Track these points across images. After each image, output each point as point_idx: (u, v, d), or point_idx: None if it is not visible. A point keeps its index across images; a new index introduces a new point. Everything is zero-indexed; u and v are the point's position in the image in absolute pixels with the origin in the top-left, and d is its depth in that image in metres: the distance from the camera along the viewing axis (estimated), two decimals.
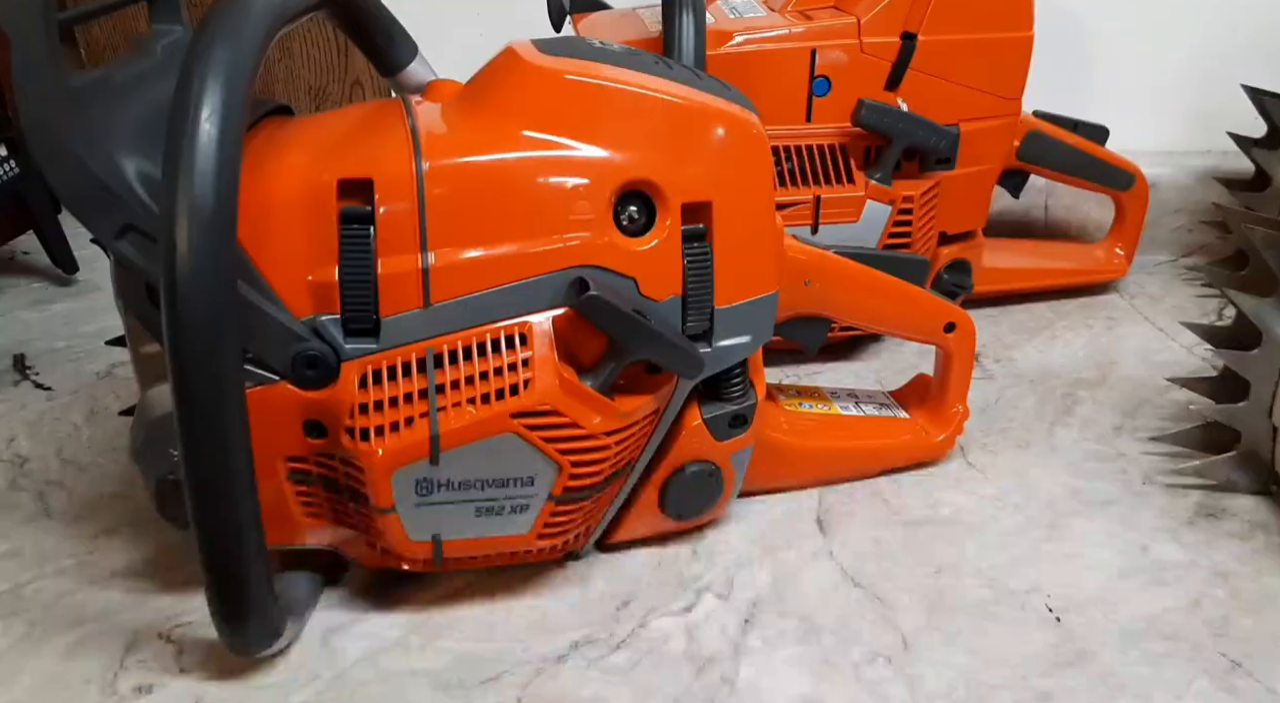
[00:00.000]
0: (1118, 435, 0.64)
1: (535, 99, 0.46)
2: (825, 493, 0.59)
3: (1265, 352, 0.54)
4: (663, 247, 0.47)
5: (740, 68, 0.67)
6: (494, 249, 0.45)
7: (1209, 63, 0.89)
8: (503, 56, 0.48)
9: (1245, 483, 0.58)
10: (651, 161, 0.46)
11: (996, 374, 0.73)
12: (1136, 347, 0.77)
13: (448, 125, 0.47)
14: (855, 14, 0.68)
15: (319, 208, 0.44)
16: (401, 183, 0.44)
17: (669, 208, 0.47)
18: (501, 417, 0.44)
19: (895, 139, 0.67)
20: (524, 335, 0.45)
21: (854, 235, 0.69)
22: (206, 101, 0.37)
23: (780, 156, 0.68)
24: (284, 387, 0.44)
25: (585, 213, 0.45)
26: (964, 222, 0.75)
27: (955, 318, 0.59)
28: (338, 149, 0.45)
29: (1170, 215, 0.90)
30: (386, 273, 0.44)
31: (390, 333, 0.44)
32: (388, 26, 0.55)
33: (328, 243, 0.44)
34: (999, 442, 0.64)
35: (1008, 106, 0.72)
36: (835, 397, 0.64)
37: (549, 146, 0.45)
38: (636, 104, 0.46)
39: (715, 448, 0.52)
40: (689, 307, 0.48)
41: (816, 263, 0.55)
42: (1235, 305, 0.55)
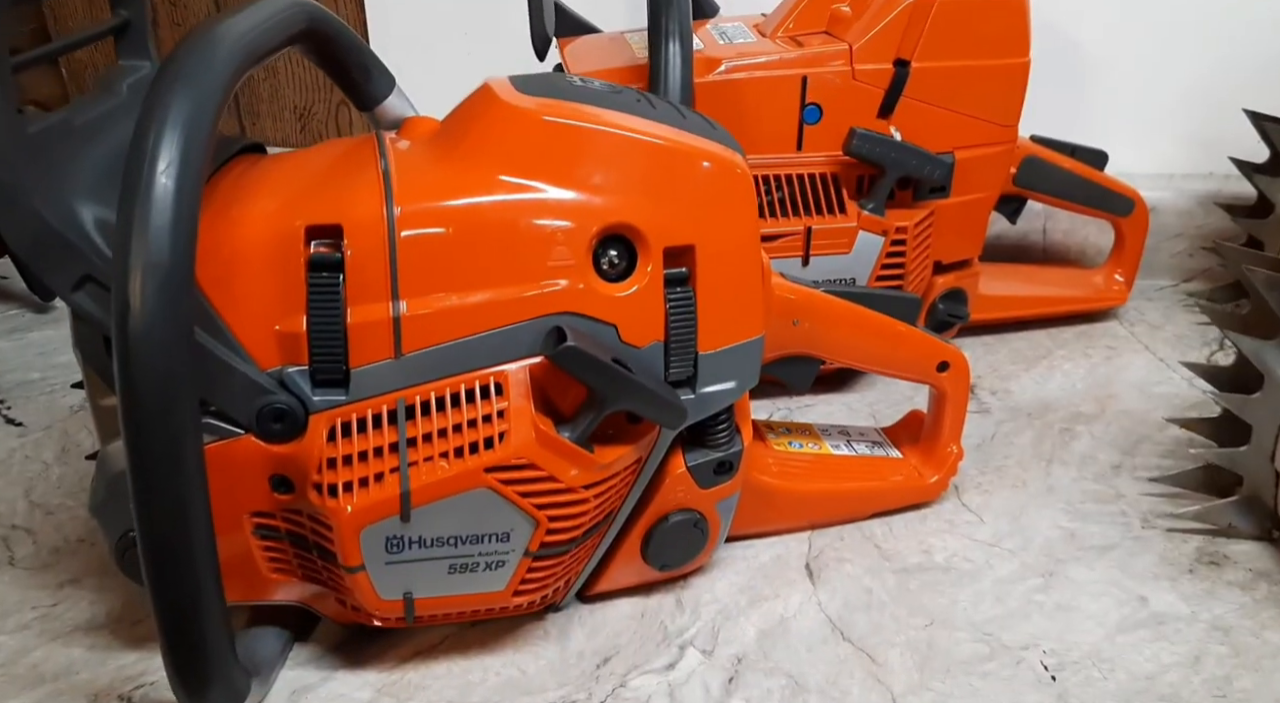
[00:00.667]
0: (1116, 474, 0.63)
1: (512, 141, 0.44)
2: (815, 537, 0.58)
3: (1267, 395, 0.53)
4: (644, 292, 0.45)
5: (729, 95, 0.65)
6: (468, 296, 0.43)
7: (1211, 85, 0.87)
8: (479, 95, 0.47)
9: (1247, 528, 0.56)
10: (632, 205, 0.45)
11: (993, 407, 0.71)
12: (1136, 378, 0.75)
13: (421, 167, 0.45)
14: (847, 40, 0.66)
15: (286, 255, 0.42)
16: (372, 229, 0.42)
17: (650, 253, 0.45)
18: (475, 472, 0.42)
19: (888, 169, 0.66)
20: (499, 385, 0.43)
21: (846, 267, 0.67)
22: (163, 154, 0.35)
23: (771, 186, 0.67)
24: (249, 441, 0.42)
25: (564, 259, 0.44)
26: (959, 250, 0.74)
27: (948, 357, 0.57)
28: (306, 193, 0.44)
29: (1171, 240, 0.88)
30: (356, 322, 0.42)
31: (360, 384, 0.42)
32: (364, 60, 0.53)
33: (295, 292, 0.42)
34: (994, 481, 0.63)
35: (1004, 133, 0.71)
36: (826, 434, 0.62)
37: (526, 190, 0.44)
38: (617, 146, 0.45)
39: (700, 496, 0.51)
40: (672, 353, 0.46)
41: (805, 302, 0.53)
42: (1236, 347, 0.53)
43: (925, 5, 0.65)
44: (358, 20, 0.92)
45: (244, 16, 0.42)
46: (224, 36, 0.40)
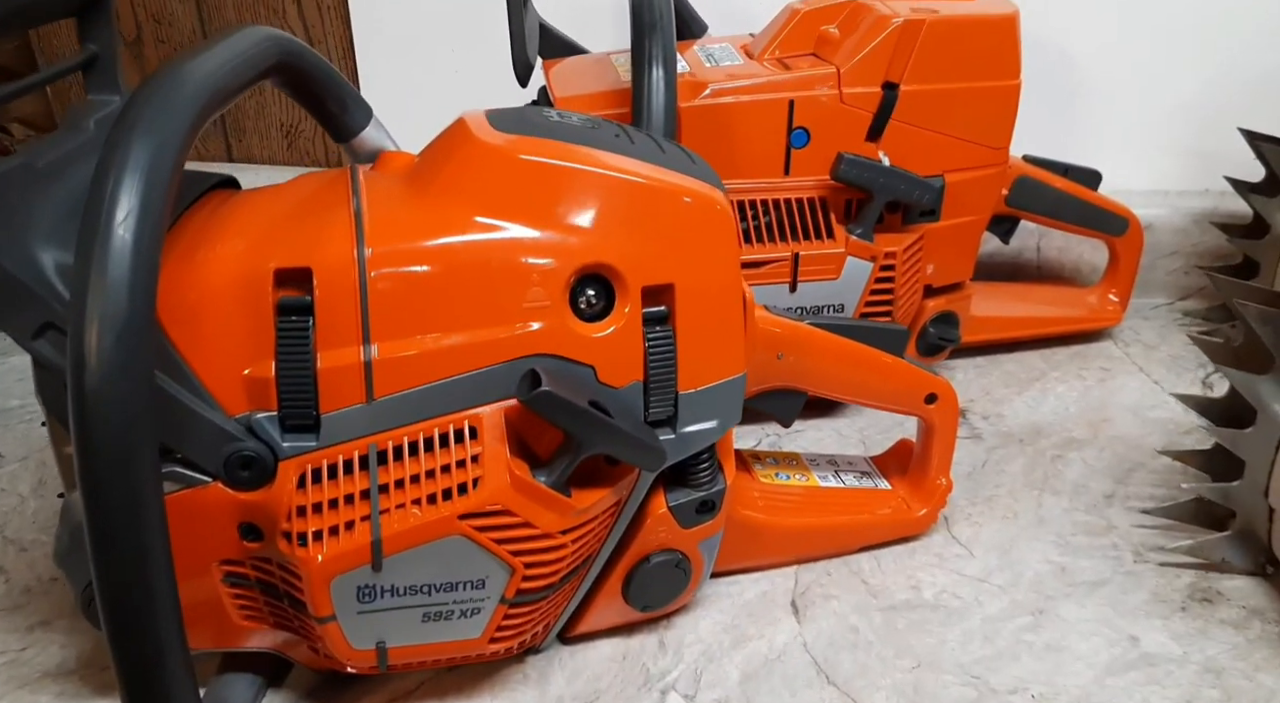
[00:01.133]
0: (1109, 504, 0.62)
1: (487, 180, 0.43)
2: (802, 571, 0.57)
3: (1260, 430, 0.52)
4: (622, 332, 0.44)
5: (715, 119, 0.64)
6: (442, 339, 0.42)
7: (1206, 101, 0.86)
8: (454, 131, 0.46)
9: (1240, 563, 0.55)
10: (610, 245, 0.44)
11: (985, 433, 0.70)
12: (1130, 401, 0.74)
13: (394, 206, 0.44)
14: (835, 63, 0.65)
15: (254, 299, 0.41)
16: (342, 271, 0.41)
17: (629, 292, 0.44)
18: (449, 519, 0.41)
19: (876, 194, 0.65)
20: (474, 428, 0.42)
21: (834, 293, 0.66)
22: (122, 203, 0.34)
23: (758, 210, 0.66)
24: (216, 488, 0.41)
25: (539, 300, 0.43)
26: (950, 274, 0.73)
27: (936, 389, 0.56)
28: (275, 235, 0.43)
29: (1166, 258, 0.87)
30: (327, 367, 0.41)
31: (331, 429, 0.42)
32: (340, 92, 0.52)
33: (264, 336, 0.41)
34: (985, 512, 0.62)
35: (995, 156, 0.70)
36: (814, 465, 0.61)
37: (501, 230, 0.43)
38: (594, 184, 0.44)
39: (682, 536, 0.50)
40: (651, 393, 0.45)
41: (789, 336, 0.52)
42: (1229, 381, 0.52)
43: (914, 27, 0.64)
44: (343, 37, 0.91)
45: (211, 54, 0.41)
46: (188, 78, 0.39)
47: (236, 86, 0.42)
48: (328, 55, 0.91)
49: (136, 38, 0.92)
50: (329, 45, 0.91)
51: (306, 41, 0.90)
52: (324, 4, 0.89)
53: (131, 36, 0.92)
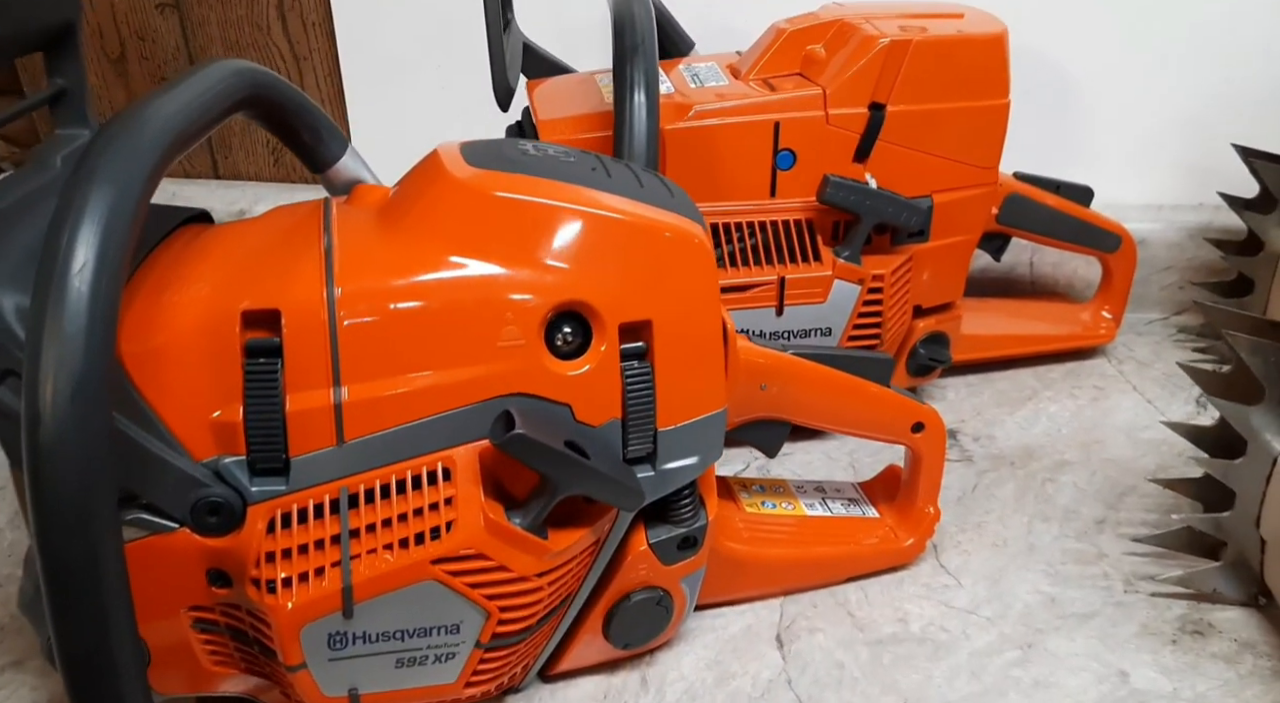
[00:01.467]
0: (1100, 531, 0.61)
1: (460, 217, 0.43)
2: (788, 604, 0.56)
3: (1251, 461, 0.51)
4: (599, 370, 0.43)
5: (700, 142, 0.64)
6: (414, 380, 0.41)
7: (1201, 114, 0.85)
8: (428, 165, 0.45)
9: (1232, 593, 0.54)
10: (586, 282, 0.43)
11: (975, 455, 0.69)
12: (1123, 421, 0.73)
13: (366, 244, 0.43)
14: (821, 84, 0.65)
15: (221, 342, 0.40)
16: (311, 312, 0.40)
17: (605, 330, 0.43)
18: (421, 564, 0.41)
19: (864, 216, 0.64)
20: (447, 470, 0.42)
21: (822, 316, 0.65)
22: (78, 253, 0.34)
23: (744, 233, 0.65)
24: (184, 535, 0.41)
25: (514, 339, 0.42)
26: (940, 294, 0.72)
27: (923, 418, 0.55)
28: (244, 275, 0.42)
29: (1160, 273, 0.87)
30: (296, 410, 0.40)
31: (301, 473, 0.41)
32: (314, 122, 0.51)
33: (231, 379, 0.40)
34: (974, 539, 0.61)
35: (984, 176, 0.69)
36: (801, 492, 0.61)
37: (474, 269, 0.42)
38: (570, 221, 0.43)
39: (663, 573, 0.49)
40: (630, 430, 0.45)
41: (772, 366, 0.52)
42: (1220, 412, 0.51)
43: (901, 48, 0.63)
44: (329, 53, 0.90)
45: (176, 94, 0.40)
46: (150, 121, 0.38)
47: (202, 125, 0.42)
48: (313, 72, 0.91)
49: (120, 55, 0.92)
50: (314, 62, 0.90)
51: (291, 58, 0.90)
52: (309, 20, 0.89)
53: (115, 54, 0.92)
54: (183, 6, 0.89)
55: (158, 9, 0.89)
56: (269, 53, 0.90)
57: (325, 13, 0.88)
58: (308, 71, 0.91)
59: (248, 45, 0.90)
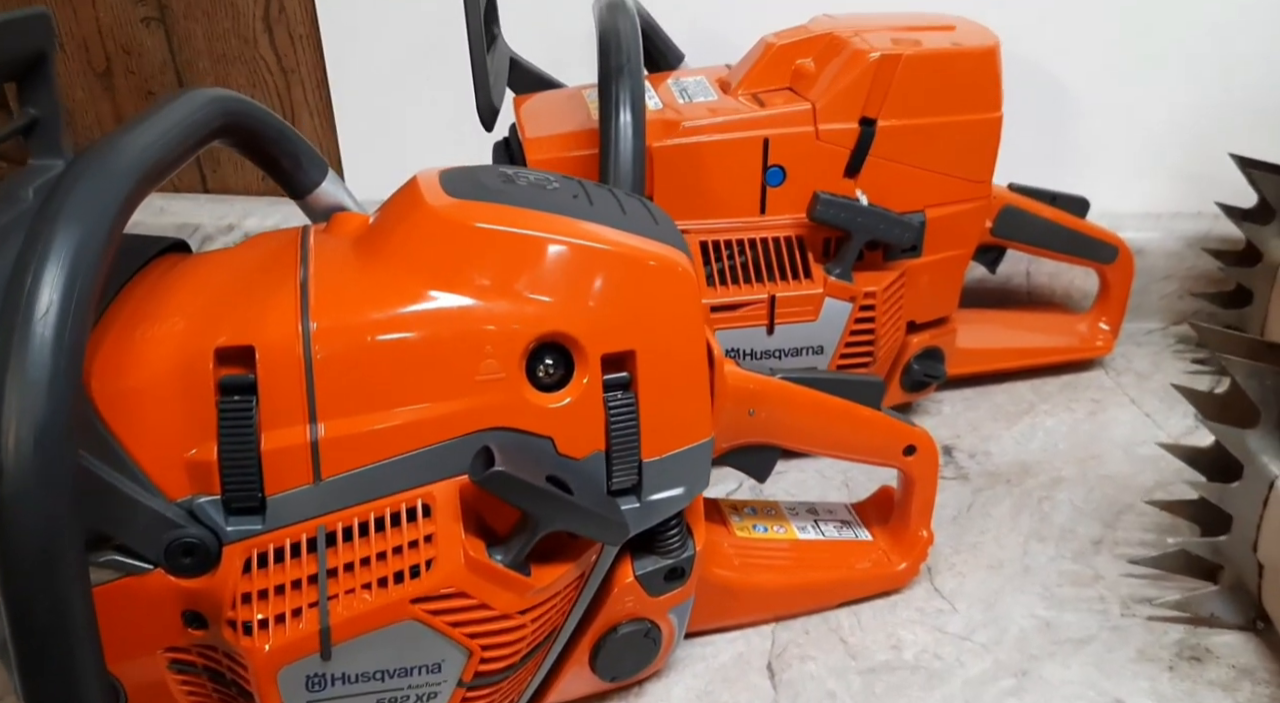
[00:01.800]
0: (1097, 551, 0.60)
1: (439, 249, 0.42)
2: (779, 630, 0.55)
3: (1247, 485, 0.50)
4: (581, 402, 0.43)
5: (689, 159, 0.63)
6: (392, 416, 0.41)
7: (1200, 122, 0.84)
8: (406, 194, 0.44)
9: (1230, 617, 0.53)
10: (567, 313, 0.42)
11: (971, 473, 0.68)
12: (1121, 436, 0.72)
13: (343, 276, 0.42)
14: (810, 99, 0.64)
15: (194, 380, 0.39)
16: (285, 348, 0.40)
17: (588, 361, 0.42)
18: (401, 604, 0.40)
19: (855, 234, 0.63)
20: (427, 506, 0.41)
21: (813, 335, 0.65)
22: (42, 297, 0.33)
23: (733, 250, 0.64)
24: (159, 576, 0.40)
25: (494, 372, 0.41)
26: (934, 309, 0.71)
27: (915, 440, 0.55)
28: (217, 310, 0.41)
29: (1159, 282, 0.86)
30: (271, 448, 0.40)
31: (277, 512, 0.40)
32: (293, 148, 0.50)
33: (205, 418, 0.40)
34: (969, 561, 0.60)
35: (977, 190, 0.68)
36: (793, 514, 0.60)
37: (453, 302, 0.41)
38: (550, 252, 0.42)
39: (651, 604, 0.48)
40: (614, 462, 0.44)
41: (761, 391, 0.51)
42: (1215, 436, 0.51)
43: (891, 62, 0.62)
44: (316, 66, 0.89)
45: (148, 126, 0.40)
46: (120, 155, 0.37)
47: (176, 156, 0.41)
48: (301, 84, 0.90)
49: (106, 69, 0.91)
50: (302, 74, 0.89)
51: (279, 71, 0.89)
52: (295, 33, 0.88)
53: (101, 68, 0.91)
54: (168, 20, 0.88)
55: (143, 23, 0.89)
56: (256, 66, 0.90)
57: (312, 25, 0.87)
58: (295, 84, 0.90)
59: (235, 58, 0.89)
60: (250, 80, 0.90)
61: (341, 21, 0.87)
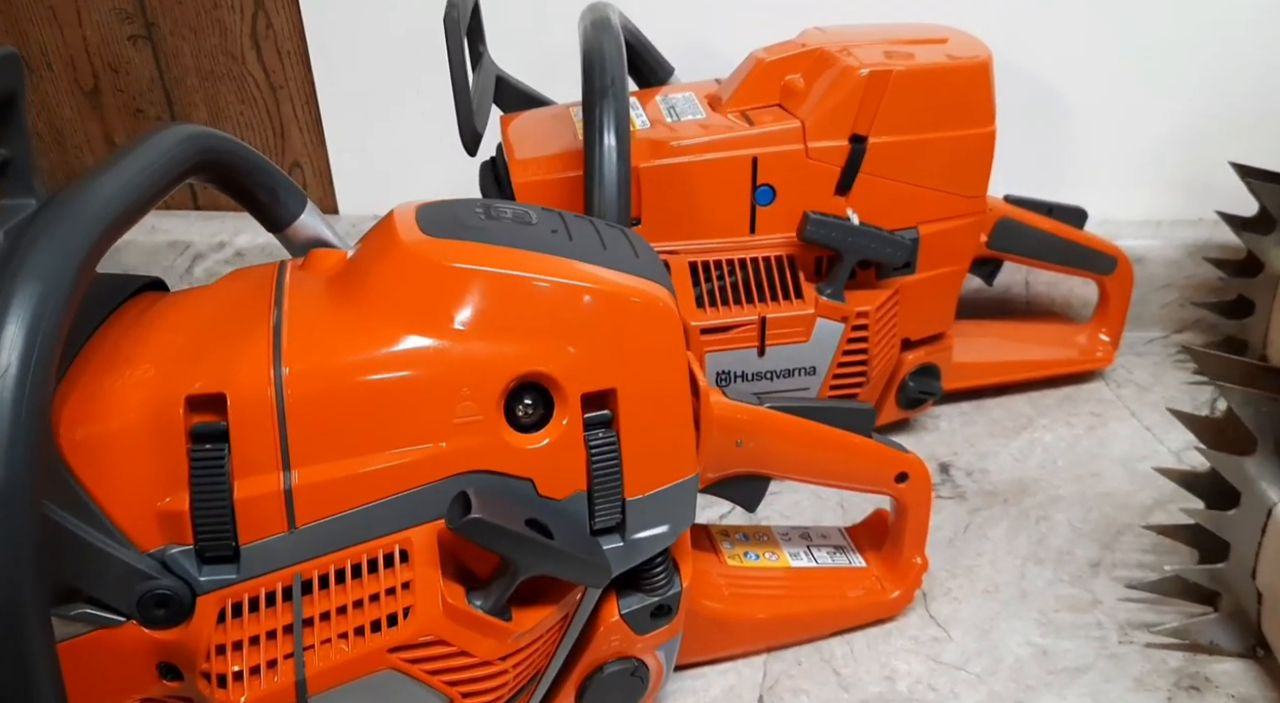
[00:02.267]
0: (1094, 575, 0.59)
1: (414, 290, 0.41)
2: (771, 661, 0.54)
3: (1245, 512, 0.49)
4: (561, 442, 0.42)
5: (677, 179, 0.62)
6: (368, 462, 0.40)
7: (1199, 128, 0.83)
8: (383, 231, 0.43)
9: (1230, 645, 0.52)
10: (546, 353, 0.41)
11: (968, 492, 0.67)
12: (1121, 452, 0.71)
13: (317, 318, 0.42)
14: (800, 116, 0.63)
15: (165, 428, 0.39)
16: (257, 395, 0.39)
17: (567, 401, 0.42)
18: (378, 653, 0.39)
19: (846, 254, 0.62)
20: (404, 552, 0.40)
21: (805, 356, 0.64)
22: (1, 355, 0.32)
23: (723, 271, 0.63)
24: (132, 628, 0.39)
25: (471, 414, 0.41)
26: (929, 326, 0.70)
27: (907, 468, 0.54)
28: (189, 355, 0.40)
29: (1159, 291, 0.84)
30: (244, 496, 0.39)
31: (251, 561, 0.39)
32: (270, 182, 0.50)
33: (176, 466, 0.39)
34: (965, 585, 0.59)
35: (971, 205, 0.67)
36: (786, 540, 0.59)
37: (429, 344, 0.40)
38: (529, 291, 0.41)
39: (637, 642, 0.47)
40: (596, 501, 0.43)
41: (747, 421, 0.50)
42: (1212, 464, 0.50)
43: (881, 78, 0.61)
44: (305, 81, 0.88)
45: (117, 170, 0.39)
46: (87, 204, 0.36)
47: (147, 199, 0.40)
48: (290, 100, 0.89)
49: (94, 88, 0.90)
50: (290, 90, 0.89)
51: (268, 87, 0.89)
52: (283, 49, 0.87)
53: (89, 87, 0.90)
54: (155, 38, 0.87)
55: (130, 41, 0.88)
56: (245, 82, 0.89)
57: (300, 41, 0.86)
58: (284, 100, 0.89)
59: (223, 75, 0.89)
60: (239, 97, 0.90)
61: (329, 37, 0.86)
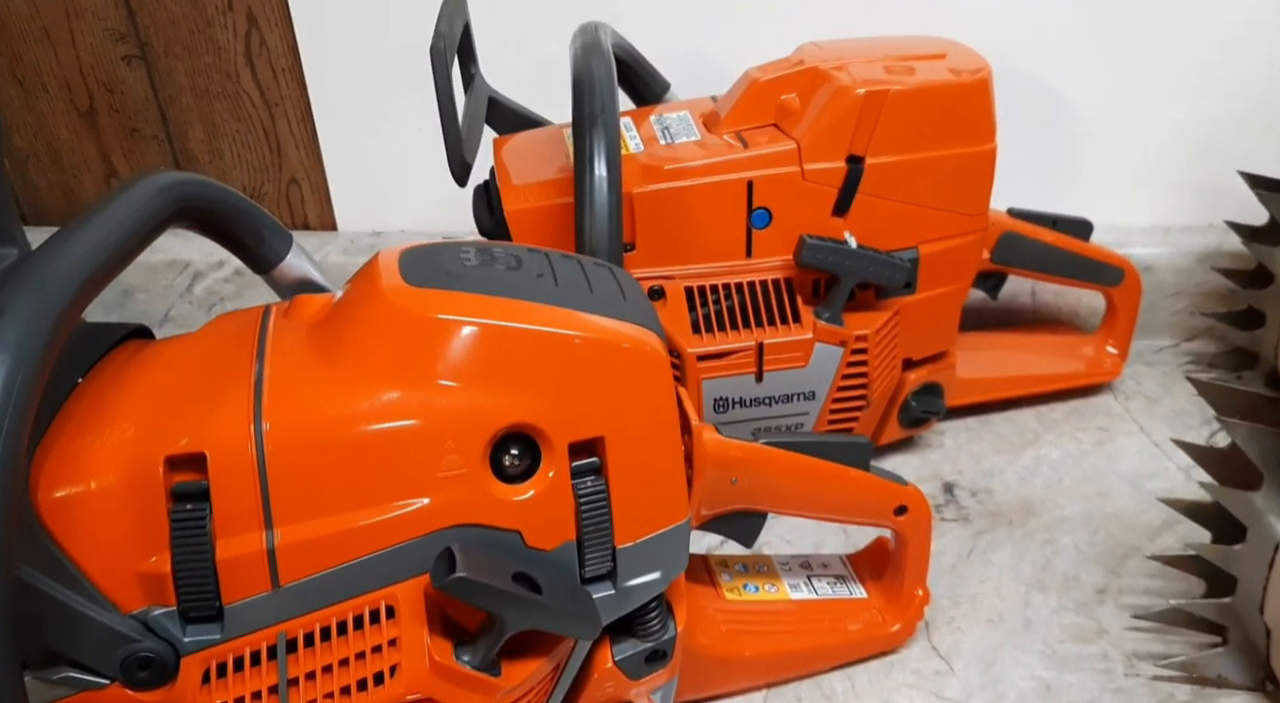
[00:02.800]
0: (1100, 602, 0.58)
1: (397, 342, 0.40)
2: (771, 697, 0.54)
3: (1251, 547, 0.48)
4: (549, 493, 0.41)
5: (671, 204, 0.61)
6: (352, 518, 0.39)
7: (1208, 133, 0.81)
8: (365, 279, 0.43)
9: (1239, 678, 0.52)
10: (532, 403, 0.40)
11: (972, 513, 0.67)
12: (1128, 469, 0.70)
13: (298, 372, 0.41)
14: (795, 137, 0.62)
15: (145, 489, 0.38)
16: (238, 453, 0.38)
17: (554, 451, 0.41)
18: None
19: (843, 278, 0.61)
20: (390, 609, 0.40)
21: (803, 380, 0.63)
22: None
23: (719, 295, 0.62)
24: (116, 690, 0.39)
25: (456, 468, 0.40)
26: (931, 346, 0.69)
27: (906, 500, 0.53)
28: (169, 413, 0.40)
29: (1169, 299, 0.83)
30: (227, 556, 0.38)
31: (235, 620, 0.39)
32: (254, 224, 0.49)
33: (157, 528, 0.38)
34: (968, 615, 0.58)
35: (973, 223, 0.66)
36: (785, 570, 0.58)
37: (412, 397, 0.40)
38: (513, 342, 0.40)
39: (632, 687, 0.47)
40: (586, 550, 0.42)
41: (742, 458, 0.49)
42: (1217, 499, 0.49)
43: (877, 98, 0.60)
44: (300, 99, 0.88)
45: (92, 228, 0.38)
46: (60, 266, 0.36)
47: (124, 254, 0.40)
48: (285, 117, 0.88)
49: (90, 108, 0.90)
50: (286, 107, 0.88)
51: (263, 104, 0.88)
52: (278, 67, 0.86)
53: (85, 107, 0.90)
54: (149, 58, 0.87)
55: (124, 60, 0.87)
56: (240, 100, 0.88)
57: (294, 58, 0.86)
58: (280, 117, 0.89)
59: (218, 93, 0.88)
60: (234, 114, 0.89)
61: (322, 54, 0.85)
